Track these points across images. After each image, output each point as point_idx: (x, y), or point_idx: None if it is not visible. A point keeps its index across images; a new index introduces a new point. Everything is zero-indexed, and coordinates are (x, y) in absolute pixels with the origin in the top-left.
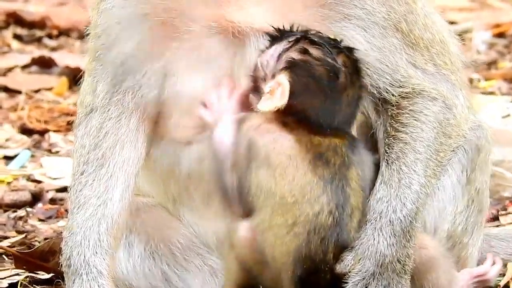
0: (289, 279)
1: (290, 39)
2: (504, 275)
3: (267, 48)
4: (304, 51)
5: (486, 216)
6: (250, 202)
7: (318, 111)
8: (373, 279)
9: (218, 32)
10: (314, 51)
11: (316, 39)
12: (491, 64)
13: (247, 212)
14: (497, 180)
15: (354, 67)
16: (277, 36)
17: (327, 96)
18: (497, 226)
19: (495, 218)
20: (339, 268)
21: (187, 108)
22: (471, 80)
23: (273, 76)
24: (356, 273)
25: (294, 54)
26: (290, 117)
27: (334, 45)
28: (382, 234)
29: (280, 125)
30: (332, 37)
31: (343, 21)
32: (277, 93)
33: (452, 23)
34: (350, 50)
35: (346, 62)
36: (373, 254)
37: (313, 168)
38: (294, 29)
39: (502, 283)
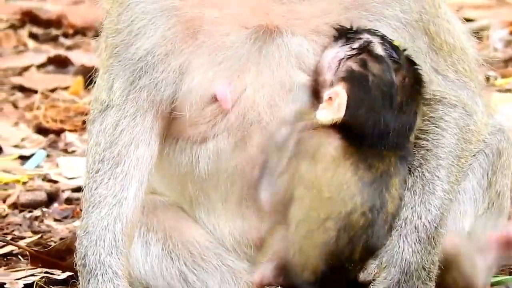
0: (311, 274)
1: (354, 46)
2: (503, 270)
3: (331, 47)
4: (364, 65)
5: (507, 218)
6: (287, 195)
7: (371, 129)
8: (398, 287)
9: (246, 27)
10: (373, 66)
11: (377, 51)
12: (508, 61)
13: (278, 208)
14: None
15: (415, 80)
16: (340, 35)
17: (381, 114)
18: None
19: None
20: (363, 276)
21: (203, 104)
22: (487, 78)
23: (332, 84)
24: (381, 281)
25: (354, 65)
26: (343, 128)
27: (395, 60)
28: (408, 241)
29: (332, 129)
30: (397, 43)
31: (377, 21)
32: (335, 104)
33: (469, 20)
34: (411, 62)
35: (405, 77)
36: (398, 261)
37: (355, 169)
38: (360, 30)
39: None
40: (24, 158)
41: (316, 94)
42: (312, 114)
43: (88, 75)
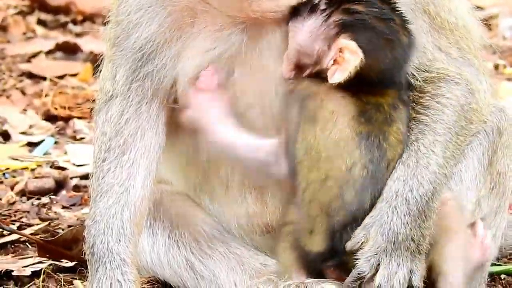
0: (322, 241)
1: (323, 7)
2: (499, 259)
3: (298, 28)
4: (348, 10)
5: (510, 202)
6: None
7: (384, 64)
8: (386, 255)
9: (236, 15)
10: (356, 6)
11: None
12: None
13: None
14: None
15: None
16: (299, 10)
17: (390, 44)
18: None
19: None
20: (350, 244)
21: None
22: (496, 66)
23: (329, 47)
24: (368, 249)
25: (342, 16)
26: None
27: None
28: (397, 213)
29: (332, 89)
30: None
31: None
32: (347, 56)
33: (478, 8)
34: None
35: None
36: (386, 231)
37: (354, 124)
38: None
39: None
40: (32, 145)
41: (316, 72)
42: (304, 84)
43: (97, 62)
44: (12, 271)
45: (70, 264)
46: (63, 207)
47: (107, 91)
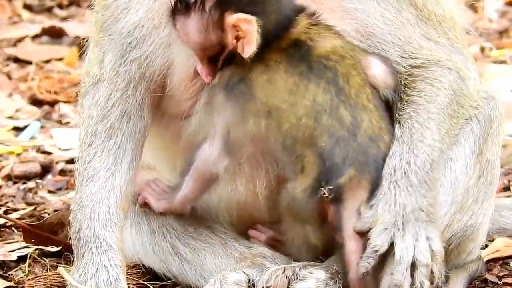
0: (313, 163)
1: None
2: (487, 246)
3: (185, 28)
4: None
5: (497, 186)
6: None
7: (276, 10)
8: (398, 229)
9: None
10: None
11: None
12: (503, 32)
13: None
14: (509, 150)
15: None
16: (180, 10)
17: None
18: (508, 196)
19: (507, 189)
20: (359, 226)
21: (185, 79)
22: (482, 49)
23: (223, 30)
24: (379, 227)
25: None
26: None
27: None
28: (399, 186)
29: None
30: None
31: None
32: (245, 28)
33: None
34: None
35: None
36: (392, 206)
37: (290, 70)
38: None
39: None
40: (18, 130)
41: (228, 57)
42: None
43: (83, 47)
44: None
45: (56, 249)
46: (49, 192)
47: (94, 75)
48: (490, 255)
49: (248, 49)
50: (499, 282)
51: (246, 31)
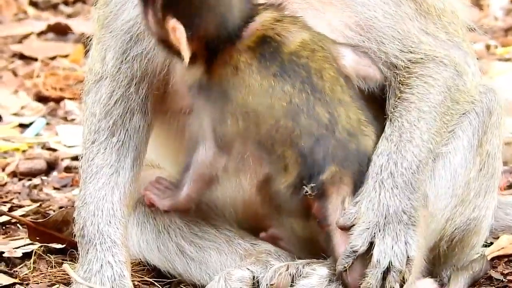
0: (295, 162)
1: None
2: (492, 244)
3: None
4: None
5: (500, 180)
6: None
7: (212, 22)
8: (379, 230)
9: None
10: None
11: None
12: (508, 30)
13: None
14: None
15: None
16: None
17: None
18: None
19: (511, 186)
20: (342, 221)
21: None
22: (488, 47)
23: (165, 30)
24: (361, 225)
25: None
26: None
27: None
28: (384, 186)
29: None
30: None
31: None
32: (177, 35)
33: None
34: None
35: None
36: (376, 205)
37: (261, 71)
38: None
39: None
40: (23, 126)
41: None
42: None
43: (88, 43)
44: (3, 252)
45: (61, 246)
46: (54, 188)
47: (97, 72)
48: (495, 253)
49: (185, 57)
50: (503, 279)
51: (178, 39)
